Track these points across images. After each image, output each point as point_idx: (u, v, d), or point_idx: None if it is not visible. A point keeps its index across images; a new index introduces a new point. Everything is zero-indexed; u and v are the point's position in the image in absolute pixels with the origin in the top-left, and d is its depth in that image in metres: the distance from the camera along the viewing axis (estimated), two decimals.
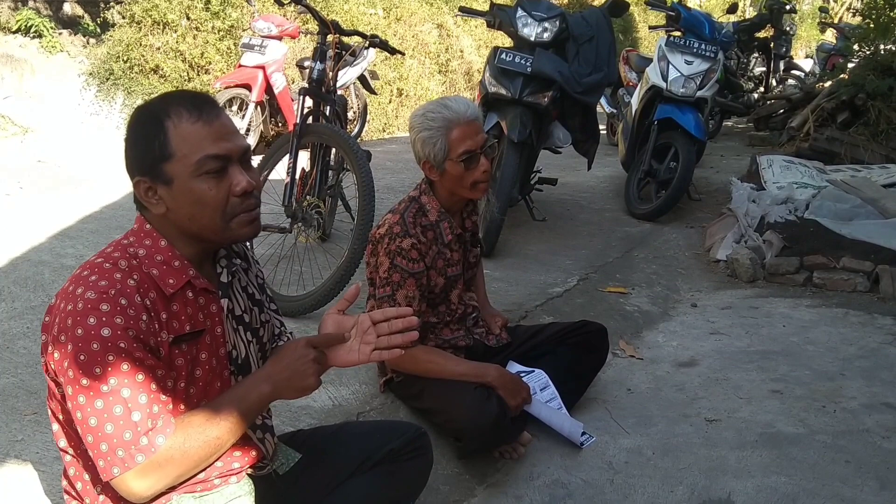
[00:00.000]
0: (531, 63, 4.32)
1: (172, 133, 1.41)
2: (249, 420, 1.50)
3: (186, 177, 1.42)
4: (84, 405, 1.34)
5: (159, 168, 1.42)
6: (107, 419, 1.33)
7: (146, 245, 1.47)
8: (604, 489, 2.38)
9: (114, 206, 4.94)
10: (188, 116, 1.42)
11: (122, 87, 6.99)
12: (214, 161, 1.43)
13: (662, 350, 3.45)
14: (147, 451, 1.35)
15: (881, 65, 6.70)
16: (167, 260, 1.47)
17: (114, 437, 1.33)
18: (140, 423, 1.35)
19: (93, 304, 1.34)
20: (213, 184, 1.43)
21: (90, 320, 1.33)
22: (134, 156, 1.46)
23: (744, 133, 9.15)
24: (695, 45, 5.46)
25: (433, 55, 10.03)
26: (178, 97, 1.47)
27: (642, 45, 14.58)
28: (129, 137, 1.48)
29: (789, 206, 4.91)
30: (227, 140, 1.45)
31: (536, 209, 4.97)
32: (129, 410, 1.34)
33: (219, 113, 1.47)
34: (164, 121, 1.42)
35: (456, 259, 2.58)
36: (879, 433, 2.63)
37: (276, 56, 6.46)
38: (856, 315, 3.78)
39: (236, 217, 1.47)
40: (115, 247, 1.47)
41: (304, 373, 1.50)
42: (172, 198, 1.44)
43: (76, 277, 1.40)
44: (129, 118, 1.50)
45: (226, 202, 1.45)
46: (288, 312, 3.23)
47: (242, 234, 1.51)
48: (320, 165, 3.65)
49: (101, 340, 1.33)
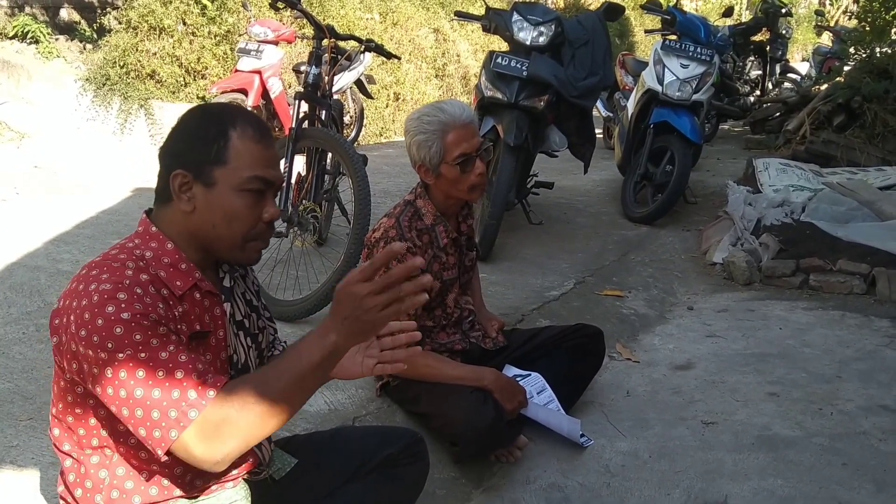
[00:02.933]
0: (527, 67, 4.33)
1: (235, 142, 1.45)
2: (317, 377, 1.38)
3: (229, 187, 1.45)
4: (126, 380, 1.30)
5: (207, 169, 1.45)
6: (151, 385, 1.29)
7: (152, 247, 1.47)
8: (600, 492, 2.38)
9: (110, 211, 4.94)
10: (253, 134, 1.48)
11: (118, 92, 6.99)
12: (261, 183, 1.48)
13: (659, 353, 3.45)
14: (198, 404, 1.29)
15: (877, 68, 6.72)
16: (174, 262, 1.47)
17: (163, 401, 1.29)
18: (185, 378, 1.30)
19: (109, 294, 1.33)
20: (251, 203, 1.48)
21: (108, 308, 1.31)
22: (184, 149, 1.48)
23: (740, 136, 9.17)
24: (690, 48, 5.47)
25: (430, 59, 10.05)
26: (246, 113, 1.54)
27: (639, 48, 14.62)
28: (184, 130, 1.50)
29: (785, 208, 4.91)
30: (275, 169, 1.52)
31: (533, 213, 4.97)
32: (171, 370, 1.30)
33: (274, 143, 1.54)
34: (228, 128, 1.46)
35: (452, 263, 2.58)
36: (876, 435, 2.63)
37: (272, 61, 6.46)
38: (852, 317, 3.78)
39: (254, 241, 1.52)
40: (119, 249, 1.47)
41: (371, 313, 1.33)
42: (206, 201, 1.46)
43: (83, 277, 1.38)
44: (188, 112, 1.53)
45: (254, 224, 1.49)
46: (284, 317, 3.23)
47: (249, 259, 1.55)
48: (316, 170, 3.64)
49: (124, 323, 1.31)
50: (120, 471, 1.45)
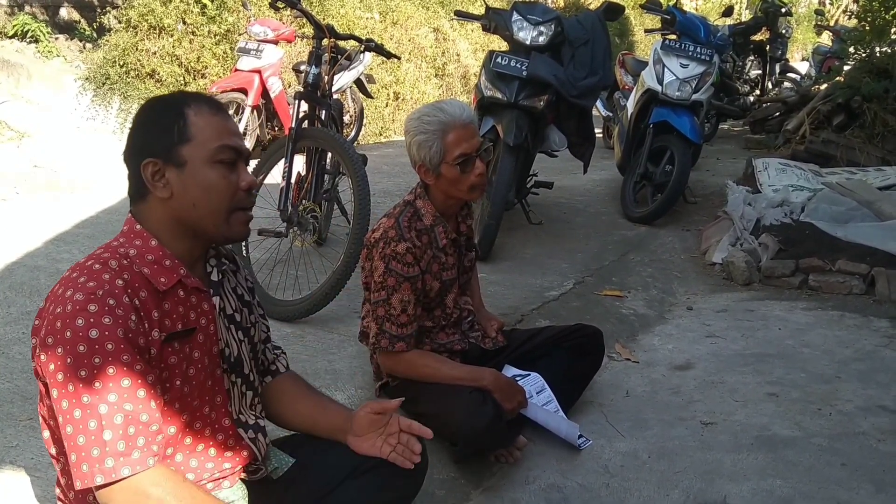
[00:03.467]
0: (527, 67, 4.33)
1: (193, 119, 1.49)
2: None
3: (200, 162, 1.48)
4: (66, 410, 1.33)
5: (175, 150, 1.47)
6: (81, 430, 1.32)
7: (136, 245, 1.48)
8: (599, 493, 2.38)
9: (110, 210, 4.94)
10: (209, 109, 1.52)
11: (118, 91, 6.99)
12: (230, 152, 1.51)
13: (658, 353, 3.45)
14: (107, 473, 1.32)
15: (877, 67, 6.71)
16: (158, 259, 1.48)
17: (82, 451, 1.32)
18: (110, 442, 1.33)
19: (81, 306, 1.34)
20: (225, 173, 1.51)
21: (78, 321, 1.33)
22: (146, 139, 1.50)
23: (740, 136, 9.16)
24: (690, 48, 5.47)
25: (430, 59, 10.04)
26: (196, 93, 1.58)
27: (639, 48, 14.62)
28: (143, 121, 1.53)
29: (785, 208, 4.91)
30: (239, 138, 1.56)
31: (533, 213, 4.97)
32: (101, 428, 1.32)
33: (230, 116, 1.59)
34: (184, 108, 1.49)
35: (451, 263, 2.58)
36: (875, 436, 2.63)
37: (272, 60, 6.46)
38: (851, 318, 3.78)
39: (236, 212, 1.54)
40: (104, 248, 1.49)
41: None
42: (181, 182, 1.48)
43: (65, 279, 1.41)
44: (142, 106, 1.57)
45: (233, 193, 1.52)
46: (284, 317, 3.23)
47: (236, 233, 1.57)
48: (316, 169, 3.64)
49: (89, 342, 1.33)
50: None
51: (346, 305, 3.39)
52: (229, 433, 1.61)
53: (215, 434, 1.58)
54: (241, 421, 1.65)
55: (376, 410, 1.79)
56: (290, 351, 2.89)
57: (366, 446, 1.77)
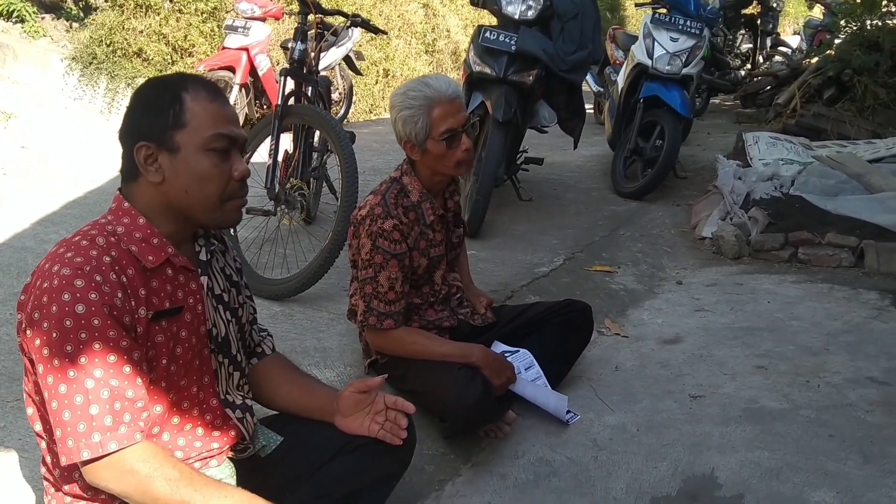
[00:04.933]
0: (515, 41, 4.29)
1: (189, 105, 1.47)
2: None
3: (194, 149, 1.47)
4: (51, 386, 1.34)
5: (169, 135, 1.46)
6: (66, 405, 1.33)
7: (124, 223, 1.48)
8: (588, 466, 2.39)
9: (98, 191, 4.91)
10: (206, 95, 1.50)
11: (105, 71, 6.92)
12: (224, 140, 1.49)
13: (647, 328, 3.46)
14: (94, 448, 1.33)
15: (868, 40, 6.69)
16: (146, 237, 1.48)
17: (68, 426, 1.33)
18: (96, 417, 1.33)
19: (67, 280, 1.34)
20: (218, 161, 1.49)
21: (64, 296, 1.33)
22: (141, 122, 1.49)
23: (731, 110, 9.15)
24: (680, 21, 5.43)
25: (419, 35, 9.96)
26: (195, 77, 1.56)
27: (630, 23, 14.53)
28: (138, 104, 1.51)
29: (775, 182, 4.91)
30: (235, 126, 1.54)
31: (523, 189, 4.96)
32: (88, 403, 1.33)
33: (228, 102, 1.57)
34: (181, 92, 1.48)
35: (438, 240, 2.57)
36: (863, 407, 2.65)
37: (259, 38, 6.40)
38: (840, 290, 3.79)
39: (230, 200, 1.53)
40: (92, 225, 1.48)
41: None
42: (173, 168, 1.47)
43: (52, 255, 1.40)
44: (139, 88, 1.55)
45: (226, 183, 1.51)
46: (273, 295, 3.23)
47: (229, 220, 1.57)
48: (303, 147, 3.62)
49: (75, 317, 1.32)
50: None
51: (335, 283, 3.39)
52: (217, 413, 1.61)
53: (203, 414, 1.59)
54: (229, 401, 1.65)
55: (361, 389, 1.79)
56: (279, 329, 2.91)
57: (353, 426, 1.77)
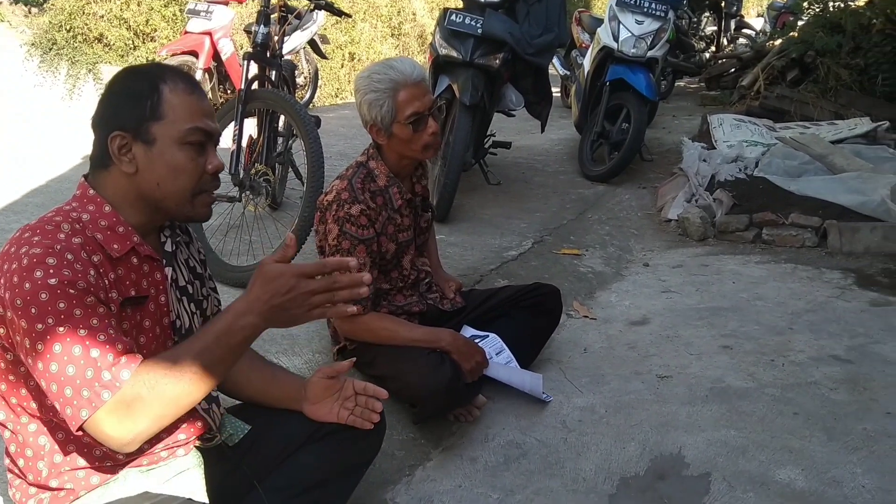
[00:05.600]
0: (482, 25, 4.27)
1: (167, 97, 1.45)
2: (233, 357, 1.39)
3: (170, 142, 1.45)
4: (43, 352, 1.29)
5: (145, 126, 1.44)
6: (67, 361, 1.28)
7: (90, 210, 1.45)
8: (558, 448, 2.41)
9: (60, 178, 4.83)
10: (184, 87, 1.48)
11: (65, 57, 6.80)
12: (200, 134, 1.48)
13: (615, 309, 3.48)
14: (111, 386, 1.28)
15: (830, 22, 6.77)
16: (111, 225, 1.45)
17: (76, 379, 1.28)
18: (100, 358, 1.29)
19: (38, 258, 1.31)
20: (193, 155, 1.47)
21: (37, 273, 1.29)
22: (117, 110, 1.46)
23: (696, 93, 9.21)
24: (645, 4, 5.45)
25: (385, 18, 9.89)
26: (173, 69, 1.53)
27: (595, 6, 14.54)
28: (115, 92, 1.48)
29: (739, 164, 4.96)
30: (212, 120, 1.52)
31: (491, 173, 4.95)
32: (87, 348, 1.29)
33: (205, 95, 1.54)
34: (159, 84, 1.45)
35: (407, 224, 2.56)
36: (827, 385, 2.69)
37: (223, 22, 6.30)
38: (804, 270, 3.85)
39: (201, 194, 1.51)
40: (56, 212, 1.44)
41: (300, 304, 1.35)
42: (148, 159, 1.45)
43: (16, 239, 1.36)
44: (115, 76, 1.52)
45: (199, 177, 1.49)
46: (238, 283, 3.19)
47: (199, 214, 1.55)
48: (267, 132, 3.57)
49: (50, 289, 1.29)
50: (60, 435, 1.44)
51: None
52: None
53: None
54: None
55: (328, 374, 1.78)
56: None
57: (322, 412, 1.76)
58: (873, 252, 3.99)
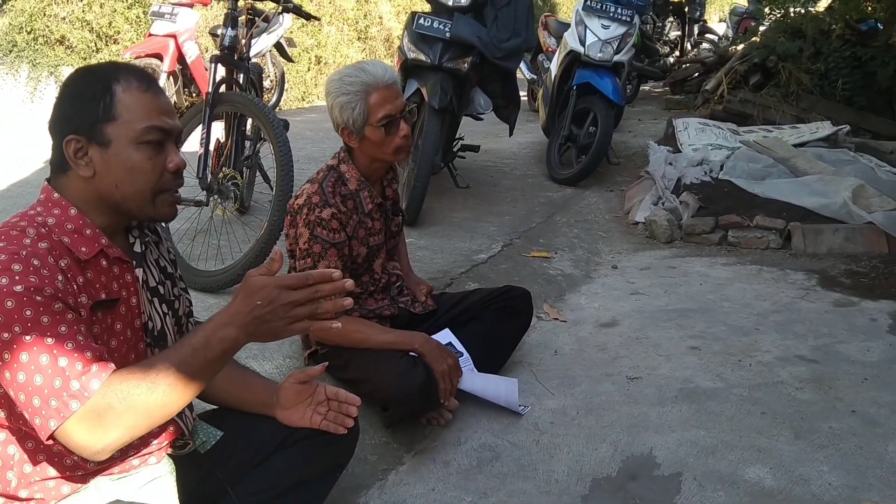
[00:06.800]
0: (450, 28, 4.28)
1: (120, 97, 1.42)
2: (211, 370, 1.36)
3: (126, 142, 1.42)
4: (10, 362, 1.26)
5: (99, 128, 1.41)
6: (34, 370, 1.25)
7: (55, 214, 1.42)
8: (530, 450, 2.41)
9: (22, 183, 4.74)
10: (138, 85, 1.44)
11: (26, 59, 6.69)
12: (157, 133, 1.44)
13: (585, 312, 3.50)
14: (80, 395, 1.25)
15: (791, 27, 6.89)
16: (78, 228, 1.42)
17: (44, 388, 1.25)
18: (69, 367, 1.26)
19: (4, 265, 1.28)
20: (151, 154, 1.44)
21: (2, 280, 1.26)
22: (70, 113, 1.43)
23: (660, 97, 9.32)
24: (611, 9, 5.51)
25: (351, 21, 9.87)
26: (127, 66, 1.49)
27: (561, 10, 14.66)
28: (68, 94, 1.45)
29: (704, 167, 5.02)
30: (170, 117, 1.49)
31: (460, 176, 4.96)
32: (55, 357, 1.25)
33: (163, 91, 1.51)
34: (112, 83, 1.42)
35: (377, 228, 2.55)
36: (793, 385, 2.73)
37: (187, 24, 6.25)
38: (769, 271, 3.91)
39: (163, 193, 1.48)
40: (20, 217, 1.41)
41: (282, 316, 1.33)
42: (104, 161, 1.42)
43: None
44: (68, 77, 1.48)
45: (159, 176, 1.46)
46: (207, 288, 3.16)
47: (162, 214, 1.52)
48: (235, 135, 3.54)
49: (16, 296, 1.26)
50: (30, 444, 1.40)
51: None
52: None
53: None
54: None
55: (301, 379, 1.77)
56: None
57: (295, 418, 1.75)
58: (836, 253, 4.07)
